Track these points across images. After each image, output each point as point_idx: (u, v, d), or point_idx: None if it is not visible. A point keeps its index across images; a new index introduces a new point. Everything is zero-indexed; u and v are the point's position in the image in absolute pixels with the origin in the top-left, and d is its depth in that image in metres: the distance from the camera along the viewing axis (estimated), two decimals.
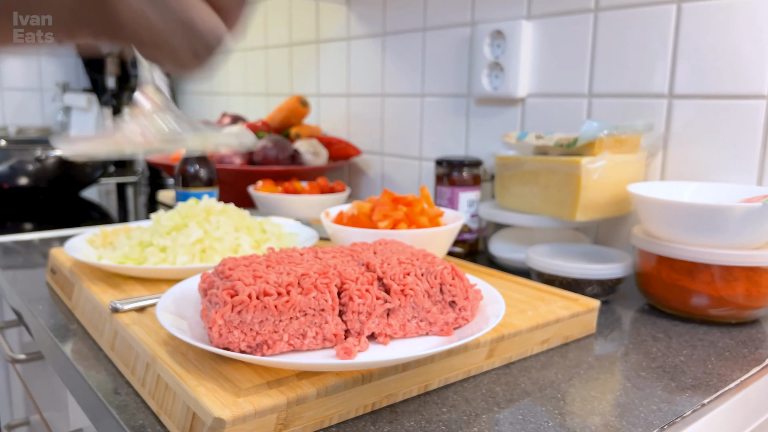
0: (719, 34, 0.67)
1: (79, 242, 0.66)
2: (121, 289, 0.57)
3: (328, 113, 1.24)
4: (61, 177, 1.17)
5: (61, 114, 1.76)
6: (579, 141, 0.67)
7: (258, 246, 0.64)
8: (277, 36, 1.35)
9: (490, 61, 0.89)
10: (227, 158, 1.00)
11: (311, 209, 0.90)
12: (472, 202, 0.80)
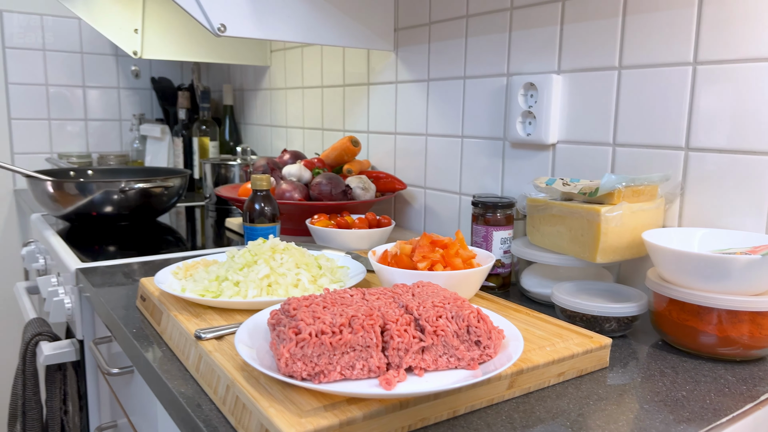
0: (731, 95, 0.74)
1: (165, 274, 0.78)
2: (202, 318, 0.68)
3: (377, 148, 1.34)
4: (141, 205, 1.32)
5: (138, 142, 1.94)
6: (599, 191, 0.74)
7: (315, 281, 0.74)
8: (332, 77, 1.47)
9: (523, 109, 0.97)
10: (288, 194, 1.12)
11: (361, 241, 1.00)
12: (505, 239, 0.89)
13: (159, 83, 1.97)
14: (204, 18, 1.03)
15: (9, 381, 1.92)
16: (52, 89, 1.91)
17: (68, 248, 1.12)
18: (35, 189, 1.29)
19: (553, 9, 0.93)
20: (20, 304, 1.35)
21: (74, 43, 1.92)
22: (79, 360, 1.04)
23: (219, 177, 1.55)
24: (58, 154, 1.91)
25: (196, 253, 1.10)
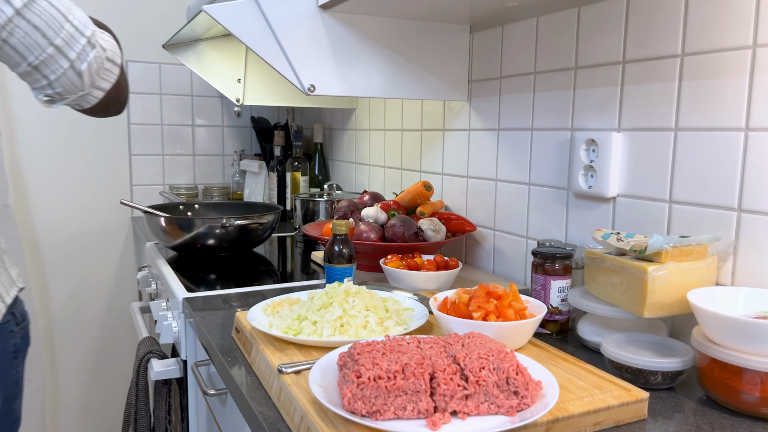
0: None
1: (256, 311, 0.91)
2: (284, 352, 0.80)
3: (451, 189, 1.43)
4: (239, 238, 1.48)
5: (238, 176, 2.14)
6: (647, 250, 0.79)
7: (381, 322, 0.84)
8: (411, 121, 1.58)
9: (585, 163, 1.03)
10: (365, 234, 1.23)
11: (429, 282, 1.09)
12: (562, 288, 0.94)
13: (258, 122, 2.17)
14: (296, 80, 1.17)
15: (124, 391, 2.16)
16: (166, 128, 2.15)
17: (176, 277, 1.29)
18: (150, 222, 1.48)
19: (614, 70, 0.99)
20: (134, 322, 1.55)
21: (186, 87, 2.15)
22: (183, 377, 1.19)
23: (307, 211, 1.69)
24: (170, 185, 2.15)
25: (284, 286, 1.23)
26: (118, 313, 2.16)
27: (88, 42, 0.78)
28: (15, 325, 0.96)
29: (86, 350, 2.14)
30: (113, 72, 0.84)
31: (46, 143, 1.99)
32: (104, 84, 0.83)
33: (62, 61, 0.77)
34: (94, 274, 2.11)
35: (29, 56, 0.76)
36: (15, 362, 0.97)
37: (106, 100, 0.85)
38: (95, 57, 0.80)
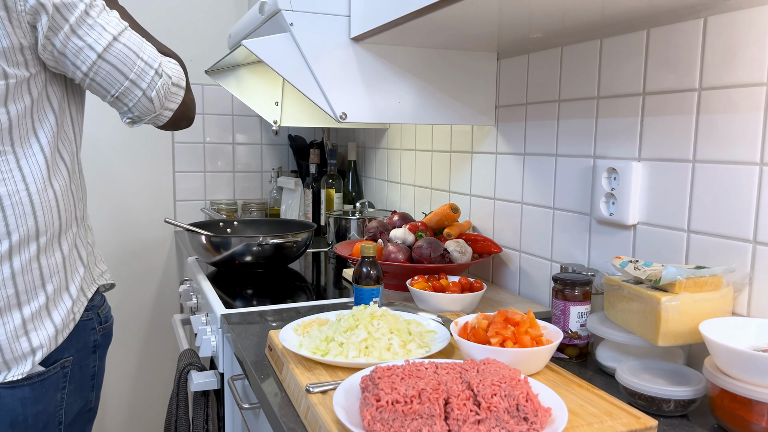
0: None
1: (288, 331, 0.97)
2: (313, 372, 0.85)
3: (478, 209, 1.47)
4: (275, 255, 1.55)
5: (275, 192, 2.22)
6: (661, 281, 0.82)
7: (404, 345, 0.89)
8: (441, 143, 1.63)
9: (606, 191, 1.06)
10: (393, 255, 1.28)
11: (453, 304, 1.13)
12: (581, 314, 0.97)
13: (295, 141, 2.25)
14: (329, 108, 1.23)
15: (166, 398, 2.26)
16: (207, 146, 2.25)
17: (215, 293, 1.36)
18: (192, 239, 1.57)
19: (634, 102, 1.02)
20: (176, 333, 1.63)
21: (227, 107, 2.25)
22: (220, 389, 1.26)
23: (340, 228, 1.75)
24: (211, 201, 2.24)
25: (316, 304, 1.29)
26: (161, 324, 2.27)
27: (156, 73, 0.95)
28: (98, 324, 1.07)
29: (131, 357, 2.25)
30: (179, 94, 1.00)
31: (98, 163, 2.11)
32: (172, 105, 0.99)
33: (136, 91, 0.94)
34: (139, 285, 2.22)
35: (111, 90, 0.94)
36: (93, 356, 1.07)
37: (175, 116, 1.02)
38: (162, 84, 0.96)
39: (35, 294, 0.94)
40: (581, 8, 0.92)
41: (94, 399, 1.12)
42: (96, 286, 1.07)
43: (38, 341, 0.95)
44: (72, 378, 1.02)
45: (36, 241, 0.93)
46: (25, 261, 0.92)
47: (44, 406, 0.98)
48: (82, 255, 1.04)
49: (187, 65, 2.18)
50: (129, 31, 0.93)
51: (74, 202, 1.00)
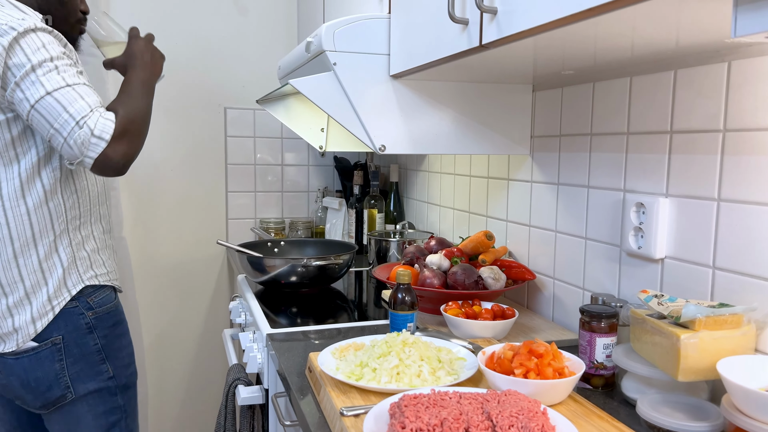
0: None
1: (326, 354, 1.04)
2: (347, 395, 0.92)
3: (514, 235, 1.51)
4: (318, 275, 1.63)
5: (320, 211, 2.31)
6: (681, 318, 0.85)
7: (434, 372, 0.94)
8: (478, 169, 1.67)
9: (635, 225, 1.09)
10: (429, 280, 1.33)
11: (485, 330, 1.18)
12: (607, 345, 1.01)
13: (340, 162, 2.34)
14: (369, 141, 1.30)
15: (215, 410, 2.37)
16: (258, 167, 2.36)
17: (262, 312, 1.45)
18: (241, 258, 1.66)
19: (662, 139, 1.05)
20: (226, 347, 1.73)
21: (276, 131, 2.36)
22: (265, 404, 1.35)
23: (380, 248, 1.82)
24: (260, 219, 2.36)
25: (355, 325, 1.36)
26: (212, 337, 2.39)
27: (76, 124, 1.12)
28: (86, 310, 1.29)
29: (183, 368, 2.37)
30: (99, 145, 1.13)
31: (158, 184, 2.26)
32: (92, 153, 1.13)
33: (59, 138, 1.12)
34: (193, 299, 2.35)
35: (44, 134, 1.15)
36: (91, 335, 1.30)
37: (98, 163, 1.14)
38: (80, 135, 1.12)
39: (16, 287, 1.23)
40: (611, 48, 0.96)
41: (113, 370, 1.34)
42: (83, 285, 1.29)
43: (18, 323, 1.23)
44: (69, 352, 1.27)
45: (11, 245, 1.21)
46: (5, 260, 1.21)
47: (43, 373, 1.25)
48: (62, 259, 1.26)
49: (240, 90, 2.30)
50: (69, 89, 1.12)
51: (53, 217, 1.24)
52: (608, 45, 0.91)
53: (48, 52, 1.13)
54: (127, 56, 1.33)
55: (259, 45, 2.32)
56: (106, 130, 1.13)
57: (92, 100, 1.15)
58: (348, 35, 1.26)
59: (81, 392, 1.29)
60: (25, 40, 1.11)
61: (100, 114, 1.14)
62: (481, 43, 0.92)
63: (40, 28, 1.14)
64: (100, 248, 1.36)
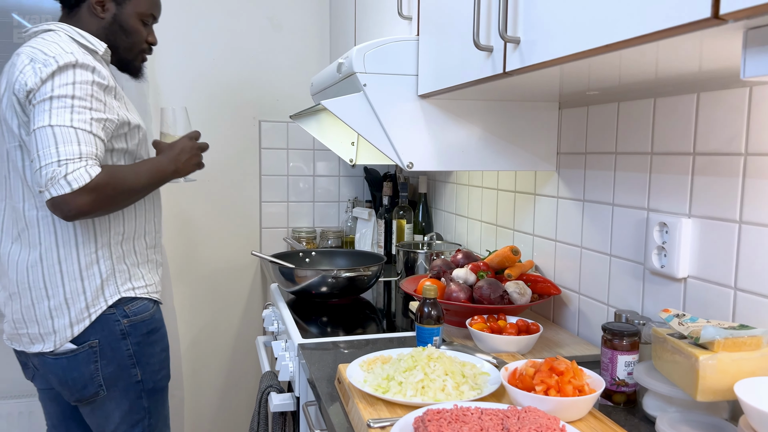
0: None
1: (354, 366, 1.08)
2: (374, 407, 0.96)
3: (541, 249, 1.53)
4: (348, 286, 1.68)
5: (350, 221, 2.36)
6: (700, 340, 0.87)
7: (457, 387, 0.98)
8: (506, 183, 1.70)
9: (658, 244, 1.11)
10: (455, 294, 1.37)
11: (509, 345, 1.21)
12: (629, 363, 1.03)
13: (370, 173, 2.39)
14: (397, 158, 1.34)
15: (248, 415, 2.44)
16: (291, 178, 2.43)
17: (293, 322, 1.51)
18: (274, 269, 1.72)
19: (685, 160, 1.06)
20: (259, 354, 1.79)
21: (308, 143, 2.43)
22: (296, 411, 1.40)
23: (408, 259, 1.86)
24: (292, 228, 2.42)
25: (382, 336, 1.40)
26: (246, 344, 2.46)
27: (57, 162, 1.17)
28: (122, 317, 1.38)
29: (217, 374, 2.45)
30: (64, 188, 1.17)
31: (196, 193, 2.34)
32: (52, 191, 1.17)
33: (36, 164, 1.18)
34: (227, 305, 2.43)
35: (31, 155, 1.21)
36: (125, 341, 1.38)
37: (54, 201, 1.18)
38: (52, 171, 1.17)
39: (57, 290, 1.32)
40: (635, 73, 0.98)
41: (141, 374, 1.42)
42: (119, 296, 1.37)
43: (57, 326, 1.32)
44: (103, 354, 1.36)
45: (57, 251, 1.31)
46: (50, 263, 1.31)
47: (79, 373, 1.35)
48: (102, 270, 1.35)
49: (273, 103, 2.38)
50: (71, 130, 1.19)
51: (96, 230, 1.33)
52: (632, 71, 0.93)
53: (73, 90, 1.21)
54: (170, 146, 1.43)
55: (293, 60, 2.38)
56: (78, 180, 1.17)
57: (87, 150, 1.20)
58: (378, 57, 1.30)
59: (111, 391, 1.39)
60: (60, 73, 1.20)
61: (86, 164, 1.19)
62: (504, 70, 0.95)
63: (80, 64, 1.22)
64: (140, 262, 1.44)
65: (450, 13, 1.16)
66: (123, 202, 1.31)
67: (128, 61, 1.46)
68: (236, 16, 2.31)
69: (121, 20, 1.39)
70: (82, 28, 1.36)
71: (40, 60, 1.22)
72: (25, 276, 1.33)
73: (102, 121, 1.25)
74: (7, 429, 2.15)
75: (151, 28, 1.47)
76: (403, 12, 1.42)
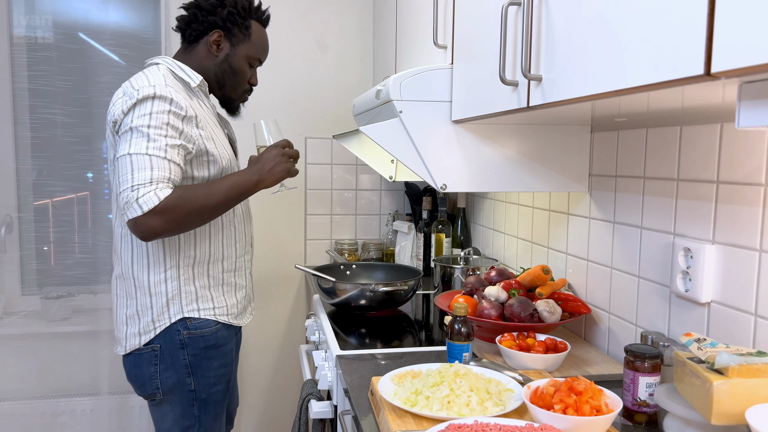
0: None
1: (386, 380, 1.16)
2: (402, 419, 1.03)
3: (574, 268, 1.57)
4: (386, 299, 1.75)
5: (391, 234, 2.44)
6: (715, 365, 0.90)
7: (482, 402, 1.04)
8: (541, 201, 1.74)
9: (682, 268, 1.14)
10: (486, 311, 1.42)
11: (536, 362, 1.25)
12: (650, 384, 1.06)
13: (410, 188, 2.46)
14: (431, 180, 1.41)
15: (290, 422, 2.55)
16: (334, 192, 2.53)
17: (333, 334, 1.59)
18: (315, 281, 1.81)
19: (709, 188, 1.09)
20: (301, 362, 1.89)
21: (351, 158, 2.52)
22: (334, 419, 1.48)
23: (445, 274, 1.92)
24: (335, 240, 2.52)
25: (418, 349, 1.47)
26: (289, 351, 2.57)
27: (131, 187, 1.29)
28: (182, 329, 1.48)
29: (261, 380, 2.56)
30: (137, 211, 1.28)
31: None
32: (129, 212, 1.30)
33: (118, 189, 1.33)
34: (273, 314, 2.54)
35: (115, 180, 1.35)
36: (182, 351, 1.49)
37: (130, 223, 1.31)
38: (127, 196, 1.29)
39: (131, 302, 1.47)
40: (662, 103, 1.02)
41: (195, 384, 1.51)
42: (182, 316, 1.47)
43: (128, 333, 1.48)
44: (163, 359, 1.48)
45: (132, 266, 1.46)
46: (129, 276, 1.47)
47: (141, 372, 1.50)
48: (168, 290, 1.46)
49: (319, 121, 2.48)
50: (146, 157, 1.30)
51: (165, 252, 1.45)
52: (658, 105, 0.97)
53: (149, 120, 1.32)
54: (256, 158, 1.49)
55: (337, 80, 2.48)
56: (147, 203, 1.28)
57: (159, 175, 1.30)
58: (413, 85, 1.38)
59: (167, 394, 1.50)
60: (139, 105, 1.33)
61: (156, 188, 1.29)
62: (528, 105, 1.01)
63: (158, 96, 1.33)
64: (213, 285, 1.52)
65: (480, 47, 1.22)
66: (198, 219, 1.37)
67: (231, 100, 1.60)
68: (288, 39, 2.43)
69: (231, 60, 1.53)
70: (196, 61, 1.52)
71: (128, 93, 1.35)
72: (114, 286, 1.52)
73: (176, 147, 1.34)
74: (71, 425, 2.31)
75: (255, 71, 1.61)
76: (438, 41, 1.49)
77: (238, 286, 1.59)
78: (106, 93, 2.27)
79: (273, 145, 1.50)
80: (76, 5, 2.32)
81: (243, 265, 1.61)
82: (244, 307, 1.64)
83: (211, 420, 1.57)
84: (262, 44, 1.59)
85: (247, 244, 1.64)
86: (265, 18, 1.62)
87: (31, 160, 2.34)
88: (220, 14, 1.49)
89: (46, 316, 2.33)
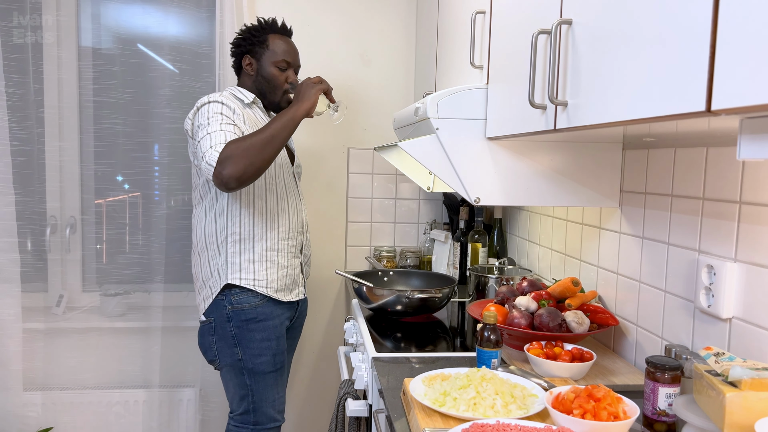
0: None
1: (417, 381, 1.23)
2: (431, 418, 1.11)
3: (605, 280, 1.61)
4: (421, 306, 1.83)
5: (428, 242, 2.52)
6: (729, 378, 0.95)
7: (506, 405, 1.10)
8: (574, 215, 1.79)
9: (705, 285, 1.18)
10: (516, 320, 1.48)
11: (562, 371, 1.31)
12: (669, 395, 1.11)
13: (448, 197, 2.53)
14: (465, 194, 1.49)
15: (328, 419, 2.64)
16: (374, 201, 2.62)
17: (370, 337, 1.68)
18: (354, 286, 1.91)
19: (732, 208, 1.13)
20: (339, 363, 1.98)
21: (391, 168, 2.61)
22: (369, 417, 1.56)
23: (479, 283, 1.98)
24: (374, 247, 2.61)
25: (450, 354, 1.54)
26: (329, 352, 2.67)
27: (202, 157, 1.60)
28: (228, 303, 1.79)
29: (303, 378, 2.67)
30: (210, 171, 1.57)
31: None
32: (209, 175, 1.58)
33: (200, 155, 1.62)
34: (315, 316, 2.65)
35: (198, 154, 1.64)
36: (228, 324, 1.80)
37: (213, 180, 1.58)
38: (203, 166, 1.59)
39: (198, 276, 1.86)
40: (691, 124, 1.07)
41: (242, 353, 1.80)
42: (226, 281, 1.79)
43: (198, 301, 1.88)
44: (216, 330, 1.81)
45: (197, 247, 1.85)
46: (196, 254, 1.86)
47: (203, 341, 1.86)
48: (218, 263, 1.80)
49: (361, 132, 2.58)
50: (208, 135, 1.61)
51: (217, 234, 1.79)
52: (686, 127, 1.02)
53: (207, 116, 1.67)
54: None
55: (380, 93, 2.58)
56: (210, 161, 1.57)
57: (217, 140, 1.59)
58: (449, 104, 1.45)
59: (223, 362, 1.83)
60: (200, 110, 1.71)
61: (214, 149, 1.57)
62: (555, 128, 1.07)
63: (212, 101, 1.70)
64: (256, 260, 1.80)
65: (513, 70, 1.29)
66: (259, 153, 1.57)
67: (276, 104, 1.90)
68: (334, 52, 2.54)
69: (262, 72, 1.85)
70: (245, 85, 1.89)
71: (196, 106, 1.74)
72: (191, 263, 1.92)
73: (230, 125, 1.66)
74: (124, 415, 2.47)
75: (291, 71, 1.88)
76: (474, 62, 1.57)
77: (279, 265, 1.84)
78: (163, 104, 2.42)
79: (306, 78, 1.76)
80: (137, 18, 2.48)
81: (285, 247, 1.86)
82: (286, 285, 1.87)
83: (262, 390, 1.82)
84: (282, 48, 1.86)
85: (292, 230, 1.87)
86: (281, 27, 1.89)
87: (94, 167, 2.52)
88: (242, 43, 1.86)
89: (104, 312, 2.50)
